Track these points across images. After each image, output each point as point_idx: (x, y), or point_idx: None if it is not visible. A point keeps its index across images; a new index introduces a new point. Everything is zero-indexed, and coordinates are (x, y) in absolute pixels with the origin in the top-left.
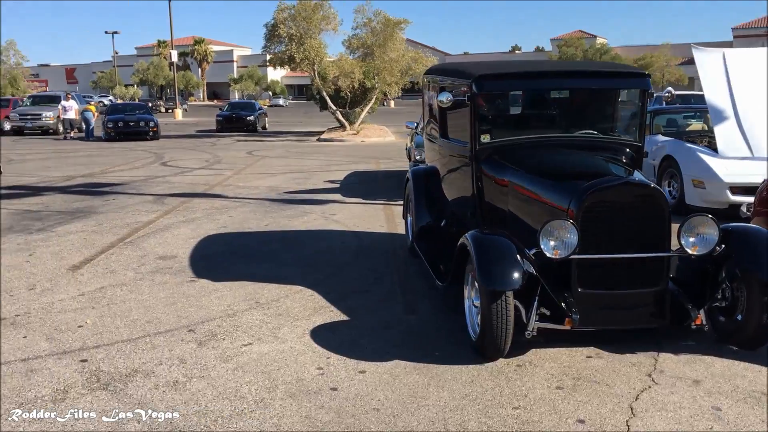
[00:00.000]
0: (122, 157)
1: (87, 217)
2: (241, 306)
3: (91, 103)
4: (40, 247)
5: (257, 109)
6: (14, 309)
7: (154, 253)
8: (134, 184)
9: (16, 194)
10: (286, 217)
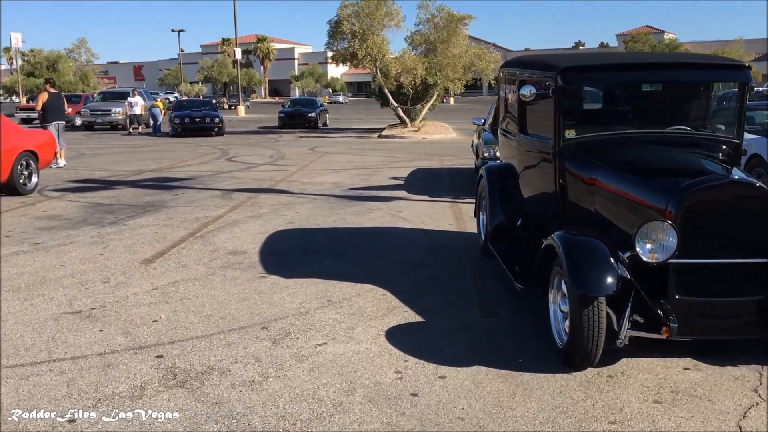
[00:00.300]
0: (189, 153)
1: (157, 211)
2: (313, 304)
3: (159, 99)
4: (113, 240)
5: (318, 106)
6: (90, 302)
7: (225, 248)
8: (202, 179)
9: (89, 187)
10: (352, 214)
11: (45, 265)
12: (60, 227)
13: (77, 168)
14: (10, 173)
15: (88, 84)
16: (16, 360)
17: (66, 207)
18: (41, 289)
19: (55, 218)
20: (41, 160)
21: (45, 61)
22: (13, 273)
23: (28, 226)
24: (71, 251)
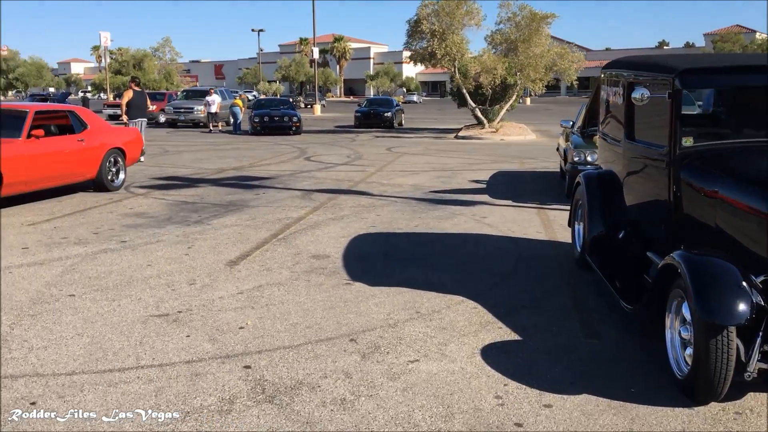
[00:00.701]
0: (268, 151)
1: (240, 210)
2: (401, 315)
3: (238, 96)
4: (198, 240)
5: (394, 106)
6: (176, 305)
7: (307, 252)
8: (282, 178)
9: (173, 185)
10: (435, 218)
11: (132, 264)
12: (146, 225)
13: (162, 165)
14: (98, 170)
15: (172, 82)
16: (104, 365)
17: (151, 204)
18: (128, 290)
19: (142, 216)
20: (129, 157)
21: (131, 60)
22: (101, 271)
23: (116, 223)
24: (157, 250)
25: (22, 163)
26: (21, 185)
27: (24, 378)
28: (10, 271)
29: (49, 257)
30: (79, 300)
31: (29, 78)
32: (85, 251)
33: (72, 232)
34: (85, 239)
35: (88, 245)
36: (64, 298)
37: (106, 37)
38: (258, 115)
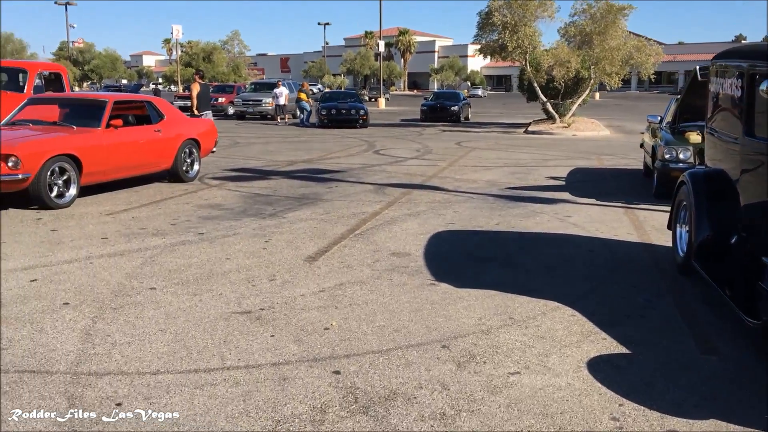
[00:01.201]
0: (336, 144)
1: (314, 204)
2: (493, 321)
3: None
4: (275, 234)
5: (461, 100)
6: (258, 302)
7: (387, 249)
8: (353, 171)
9: (245, 177)
10: (515, 216)
11: (211, 257)
12: (222, 217)
13: (233, 156)
14: (174, 160)
15: (240, 75)
16: (189, 364)
17: (226, 196)
18: (209, 284)
19: (217, 207)
20: (203, 148)
21: (201, 53)
22: (181, 264)
23: (192, 214)
24: (235, 243)
25: (101, 153)
26: (99, 175)
27: (109, 376)
28: (90, 261)
29: (129, 248)
30: (160, 293)
31: (103, 70)
32: (164, 243)
33: (150, 223)
34: (162, 230)
35: (166, 236)
36: (145, 291)
37: (178, 30)
38: (325, 108)
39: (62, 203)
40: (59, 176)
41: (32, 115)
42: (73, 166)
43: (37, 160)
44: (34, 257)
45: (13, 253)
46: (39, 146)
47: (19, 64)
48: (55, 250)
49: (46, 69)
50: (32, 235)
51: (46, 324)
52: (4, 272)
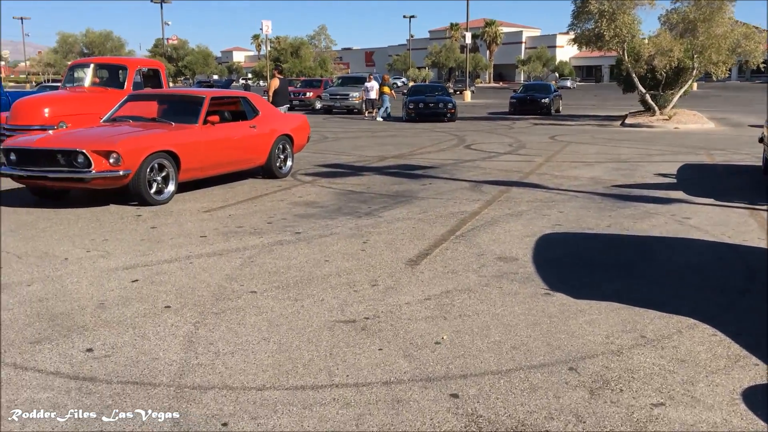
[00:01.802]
0: (426, 139)
1: (409, 202)
2: (623, 339)
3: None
4: (373, 234)
5: (552, 92)
6: (362, 309)
7: (492, 252)
8: (446, 167)
9: (338, 173)
10: (627, 218)
11: (309, 258)
12: (317, 216)
13: (324, 152)
14: (268, 156)
15: (326, 69)
16: (295, 379)
17: (320, 193)
18: (309, 288)
19: (312, 205)
20: (296, 144)
21: (289, 48)
22: (280, 266)
23: (287, 212)
24: (332, 244)
25: (198, 149)
26: (196, 171)
27: (213, 391)
28: (190, 261)
29: (227, 247)
30: (261, 298)
31: (196, 66)
32: (261, 242)
33: (246, 221)
34: (260, 229)
35: (263, 235)
36: (246, 295)
37: (267, 26)
38: (413, 102)
39: (161, 200)
40: (158, 173)
41: (132, 111)
42: (172, 162)
43: (137, 156)
44: (136, 255)
45: (115, 251)
46: (139, 143)
47: (119, 60)
48: (155, 248)
49: (144, 65)
50: (132, 233)
51: (148, 329)
52: (109, 270)
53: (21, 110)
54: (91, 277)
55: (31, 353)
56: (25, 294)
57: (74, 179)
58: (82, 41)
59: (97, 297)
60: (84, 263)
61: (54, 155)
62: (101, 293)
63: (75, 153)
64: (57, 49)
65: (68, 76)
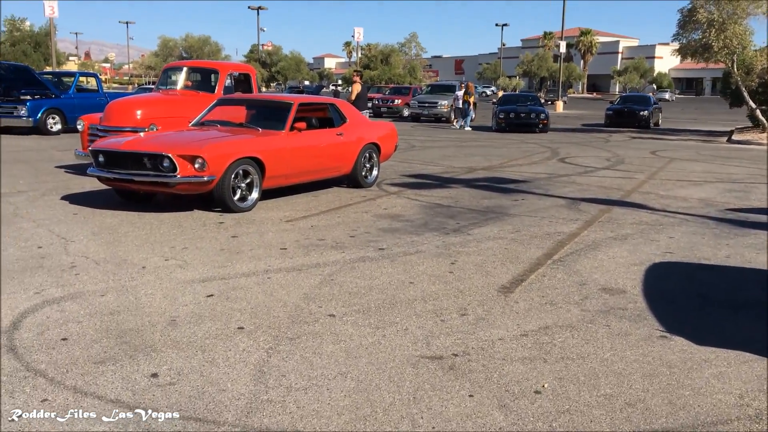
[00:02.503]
0: (516, 150)
1: (500, 219)
2: (761, 402)
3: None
4: (461, 255)
5: (651, 104)
6: (450, 343)
7: (595, 282)
8: (538, 182)
9: (424, 184)
10: (748, 248)
11: (393, 279)
12: (403, 230)
13: (410, 161)
14: (354, 165)
15: (415, 77)
16: (375, 426)
17: (405, 206)
18: (392, 314)
19: (397, 218)
20: (383, 153)
21: (379, 55)
22: (361, 286)
23: (371, 225)
24: (418, 263)
25: (284, 156)
26: (281, 179)
27: None
28: (268, 276)
29: (307, 262)
30: (339, 323)
31: (288, 71)
32: (343, 258)
33: (329, 233)
34: (341, 243)
35: (345, 250)
36: (323, 319)
37: (359, 33)
38: (503, 111)
39: (244, 207)
40: (242, 179)
41: (221, 115)
42: (257, 169)
43: (222, 162)
44: (213, 267)
45: (194, 261)
46: (224, 148)
47: (210, 64)
48: (233, 260)
49: (235, 70)
50: (213, 241)
51: (218, 353)
52: (185, 283)
53: (114, 112)
54: (166, 289)
55: (94, 375)
56: (97, 305)
57: (159, 183)
58: (182, 45)
59: (170, 312)
60: (161, 273)
61: (140, 158)
62: (174, 308)
63: (161, 157)
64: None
65: (162, 78)
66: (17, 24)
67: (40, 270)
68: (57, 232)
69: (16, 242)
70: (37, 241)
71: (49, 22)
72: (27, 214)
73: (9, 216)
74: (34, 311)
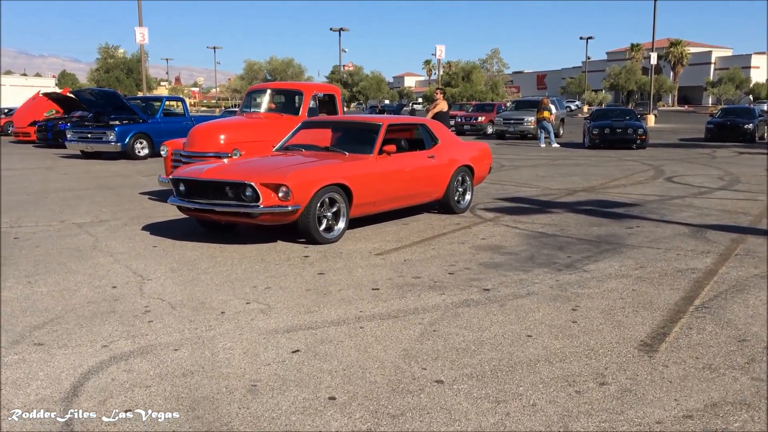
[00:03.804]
0: (615, 168)
1: (617, 251)
2: None
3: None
4: (581, 298)
5: (756, 116)
6: (594, 426)
7: (756, 337)
8: (649, 205)
9: (521, 209)
10: None
11: (506, 331)
12: (507, 265)
13: (502, 182)
14: (446, 189)
15: (497, 93)
16: None
17: (505, 234)
18: (513, 382)
19: (498, 250)
20: (477, 175)
21: (461, 72)
22: (469, 340)
23: (471, 259)
24: (533, 309)
25: (372, 182)
26: (368, 206)
27: None
28: (361, 325)
29: (403, 306)
30: (449, 392)
31: (369, 91)
32: (444, 301)
33: (424, 269)
34: (440, 282)
35: (445, 291)
36: (430, 387)
37: (441, 50)
38: (597, 127)
39: (330, 238)
40: (328, 208)
41: (305, 139)
42: (344, 196)
43: (307, 190)
44: (299, 313)
45: (277, 305)
46: (309, 175)
47: (295, 86)
48: (321, 303)
49: (320, 91)
50: (298, 279)
51: None
52: (268, 333)
53: (197, 137)
54: (247, 342)
55: None
56: (169, 363)
57: (241, 214)
58: (266, 68)
59: (250, 374)
60: (241, 320)
61: (222, 187)
62: (255, 368)
63: (243, 185)
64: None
65: (246, 101)
66: (111, 51)
67: (112, 316)
68: (134, 269)
69: (91, 281)
70: (112, 280)
71: (140, 48)
72: (106, 247)
73: (88, 249)
74: (99, 371)
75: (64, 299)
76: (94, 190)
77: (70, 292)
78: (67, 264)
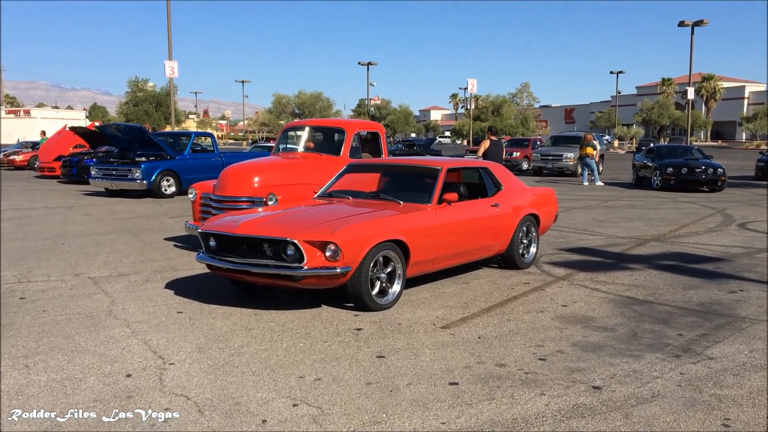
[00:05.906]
0: (676, 212)
1: (735, 328)
2: None
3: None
4: (724, 402)
5: None
6: None
7: None
8: (740, 260)
9: (593, 263)
10: None
11: None
12: (607, 347)
13: (558, 227)
14: (510, 242)
15: (528, 127)
16: None
17: (588, 300)
18: None
19: (588, 323)
20: (542, 225)
21: (490, 106)
22: None
23: (559, 337)
24: (671, 425)
25: (432, 236)
26: (426, 264)
27: None
28: None
29: (498, 416)
30: None
31: (397, 124)
32: (548, 407)
33: (507, 353)
34: (533, 373)
35: (543, 389)
36: None
37: (472, 84)
38: (672, 166)
39: (384, 303)
40: (382, 268)
41: (351, 184)
42: (400, 254)
43: (359, 248)
44: (362, 423)
45: (332, 409)
46: (362, 230)
47: (336, 123)
48: (388, 406)
49: (363, 128)
50: (353, 364)
51: None
52: None
53: (228, 179)
54: None
55: None
56: None
57: (282, 276)
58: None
59: None
60: None
61: (259, 244)
62: None
63: (284, 243)
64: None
65: (281, 138)
66: (140, 85)
67: (123, 425)
68: (154, 346)
69: (101, 365)
70: (126, 364)
71: (169, 82)
72: (123, 312)
73: (102, 315)
74: None
75: (65, 395)
76: (115, 234)
77: (73, 384)
78: (75, 338)
